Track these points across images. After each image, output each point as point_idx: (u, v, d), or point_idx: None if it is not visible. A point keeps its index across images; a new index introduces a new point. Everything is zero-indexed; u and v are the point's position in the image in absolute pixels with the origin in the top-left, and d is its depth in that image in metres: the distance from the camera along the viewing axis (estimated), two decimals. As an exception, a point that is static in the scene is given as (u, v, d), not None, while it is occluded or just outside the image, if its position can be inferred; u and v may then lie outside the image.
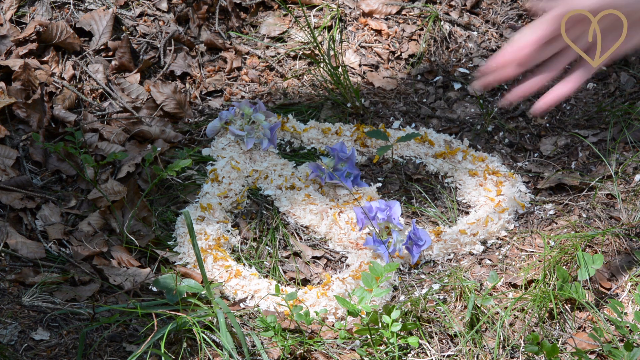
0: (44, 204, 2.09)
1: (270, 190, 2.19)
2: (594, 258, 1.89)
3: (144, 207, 2.11)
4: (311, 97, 2.45)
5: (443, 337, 1.82)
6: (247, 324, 1.83)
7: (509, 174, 2.25)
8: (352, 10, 2.64)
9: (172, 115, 2.36)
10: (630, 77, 2.52)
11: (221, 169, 2.19)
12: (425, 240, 2.03)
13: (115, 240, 2.05)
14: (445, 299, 1.89)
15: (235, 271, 1.98)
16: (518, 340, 1.80)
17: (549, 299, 1.83)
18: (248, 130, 2.25)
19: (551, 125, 2.43)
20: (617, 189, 2.15)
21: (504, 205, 2.16)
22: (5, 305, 1.84)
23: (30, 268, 1.95)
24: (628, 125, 2.34)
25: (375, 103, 2.46)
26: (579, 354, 1.75)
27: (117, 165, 2.19)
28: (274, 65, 2.52)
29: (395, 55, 2.59)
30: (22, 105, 2.23)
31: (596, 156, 2.30)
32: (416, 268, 2.04)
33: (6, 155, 2.15)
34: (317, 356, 1.77)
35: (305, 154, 2.31)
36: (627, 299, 1.90)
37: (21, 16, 2.42)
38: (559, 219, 2.14)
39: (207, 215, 2.10)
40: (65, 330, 1.79)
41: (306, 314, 1.78)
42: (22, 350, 1.74)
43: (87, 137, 2.24)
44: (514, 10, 2.72)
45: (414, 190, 2.22)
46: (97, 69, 2.37)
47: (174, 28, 2.49)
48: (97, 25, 2.42)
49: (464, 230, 2.10)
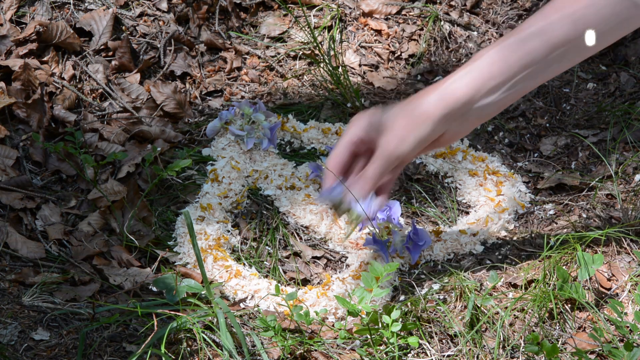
0: (44, 204, 2.09)
1: (270, 190, 2.19)
2: (594, 258, 1.89)
3: (144, 207, 2.11)
4: (311, 97, 2.45)
5: (443, 337, 1.82)
6: (247, 324, 1.83)
7: (509, 174, 2.25)
8: (352, 10, 2.64)
9: (172, 115, 2.36)
10: (630, 77, 2.52)
11: (221, 169, 2.19)
12: (425, 240, 2.03)
13: (115, 240, 2.05)
14: (445, 299, 1.89)
15: (235, 271, 1.98)
16: (518, 340, 1.80)
17: (549, 299, 1.83)
18: (248, 130, 2.25)
19: (551, 125, 2.43)
20: (617, 189, 2.15)
21: (504, 205, 2.16)
22: (5, 305, 1.84)
23: (30, 268, 1.95)
24: (628, 125, 2.34)
25: (375, 103, 2.46)
26: (579, 354, 1.75)
27: (117, 165, 2.19)
28: (274, 65, 2.52)
29: (395, 55, 2.59)
30: (22, 105, 2.23)
31: (596, 156, 2.30)
32: (416, 268, 2.04)
33: (6, 155, 2.15)
34: (317, 356, 1.77)
35: (305, 154, 2.31)
36: (627, 299, 1.90)
37: (21, 16, 2.42)
38: (559, 219, 2.14)
39: (207, 215, 2.10)
40: (65, 330, 1.79)
41: (306, 314, 1.78)
42: (22, 350, 1.74)
43: (87, 137, 2.24)
44: (514, 10, 2.72)
45: (414, 190, 2.22)
46: (97, 69, 2.37)
47: (174, 28, 2.49)
48: (97, 25, 2.42)
49: (464, 230, 2.10)
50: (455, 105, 1.75)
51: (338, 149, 1.81)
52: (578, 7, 1.72)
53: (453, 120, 1.76)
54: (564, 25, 1.73)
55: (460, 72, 1.76)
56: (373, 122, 1.78)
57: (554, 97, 2.50)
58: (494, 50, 1.75)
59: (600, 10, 1.72)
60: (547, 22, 1.73)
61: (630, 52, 2.56)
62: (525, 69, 1.74)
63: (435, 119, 1.75)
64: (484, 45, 2.64)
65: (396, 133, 1.76)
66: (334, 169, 1.81)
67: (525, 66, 1.74)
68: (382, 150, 1.77)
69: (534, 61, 1.74)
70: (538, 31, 1.74)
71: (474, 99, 1.75)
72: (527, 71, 1.75)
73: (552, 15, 1.74)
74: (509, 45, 1.75)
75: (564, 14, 1.73)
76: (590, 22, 1.72)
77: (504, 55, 1.74)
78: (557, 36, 1.73)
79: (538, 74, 1.76)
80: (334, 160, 1.81)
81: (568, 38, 1.73)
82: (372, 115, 1.79)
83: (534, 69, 1.75)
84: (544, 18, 1.74)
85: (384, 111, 1.79)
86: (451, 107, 1.75)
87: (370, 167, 1.79)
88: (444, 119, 1.76)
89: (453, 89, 1.75)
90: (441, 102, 1.75)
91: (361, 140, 1.79)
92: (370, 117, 1.79)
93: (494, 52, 1.75)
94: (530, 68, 1.75)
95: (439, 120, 1.75)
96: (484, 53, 1.76)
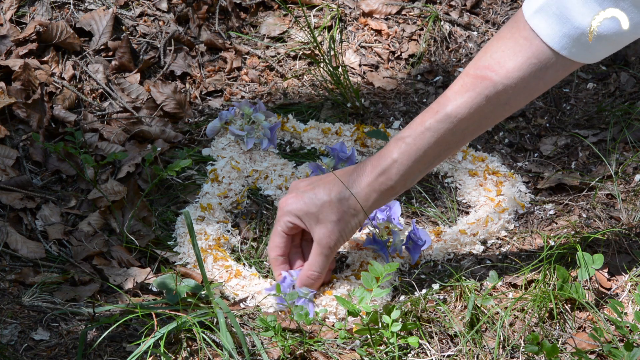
0: (44, 204, 2.09)
1: (270, 190, 2.19)
2: (594, 258, 1.88)
3: (144, 207, 2.11)
4: (311, 97, 2.45)
5: (443, 337, 1.82)
6: (247, 324, 1.83)
7: (509, 174, 2.25)
8: (352, 10, 2.64)
9: (172, 115, 2.36)
10: (630, 77, 2.52)
11: (221, 169, 2.19)
12: (425, 240, 2.03)
13: (115, 240, 2.05)
14: (445, 299, 1.89)
15: (235, 271, 1.98)
16: (518, 340, 1.80)
17: (549, 299, 1.83)
18: (248, 130, 2.25)
19: (551, 125, 2.43)
20: (617, 189, 2.15)
21: (504, 205, 2.16)
22: (5, 305, 1.84)
23: (30, 268, 1.95)
24: (628, 125, 2.34)
25: (375, 103, 2.46)
26: (579, 354, 1.75)
27: (117, 165, 2.19)
28: (274, 65, 2.52)
29: (395, 55, 2.59)
30: (22, 105, 2.23)
31: (596, 156, 2.30)
32: (416, 268, 2.04)
33: (6, 155, 2.15)
34: (317, 356, 1.77)
35: (305, 154, 2.31)
36: (627, 299, 1.90)
37: (21, 16, 2.42)
38: (559, 219, 2.14)
39: (207, 215, 2.10)
40: (65, 330, 1.79)
41: (306, 314, 1.78)
42: (22, 350, 1.74)
43: (87, 137, 2.24)
44: (514, 10, 2.72)
45: (414, 190, 2.22)
46: (97, 69, 2.37)
47: (174, 28, 2.49)
48: (97, 25, 2.42)
49: (464, 230, 2.10)
50: (382, 198, 1.89)
51: (275, 240, 1.93)
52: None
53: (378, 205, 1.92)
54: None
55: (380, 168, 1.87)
56: (305, 210, 1.89)
57: (554, 97, 2.50)
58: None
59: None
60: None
61: (630, 52, 2.56)
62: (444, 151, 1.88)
63: (365, 210, 1.88)
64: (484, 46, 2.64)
65: (330, 228, 1.88)
66: (277, 260, 1.94)
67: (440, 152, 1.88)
68: (321, 245, 1.90)
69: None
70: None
71: (398, 190, 1.89)
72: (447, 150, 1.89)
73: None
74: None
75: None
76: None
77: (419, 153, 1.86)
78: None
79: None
80: (275, 253, 1.94)
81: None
82: (302, 202, 1.89)
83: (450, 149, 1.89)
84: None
85: (311, 195, 1.89)
86: (378, 199, 1.89)
87: (314, 264, 1.91)
88: (372, 208, 1.90)
89: (381, 183, 1.87)
90: (372, 195, 1.87)
91: (295, 227, 1.92)
92: (301, 205, 1.89)
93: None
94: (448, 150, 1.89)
95: (368, 211, 1.89)
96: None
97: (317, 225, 1.88)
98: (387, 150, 1.86)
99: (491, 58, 1.80)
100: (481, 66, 1.80)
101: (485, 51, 1.82)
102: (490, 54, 1.81)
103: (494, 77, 1.79)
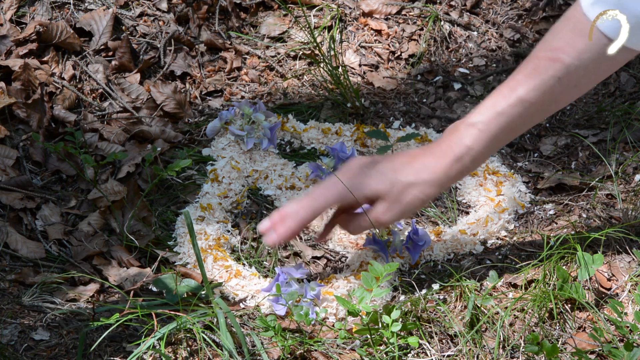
0: (44, 204, 2.09)
1: (270, 190, 2.19)
2: (594, 258, 1.88)
3: (144, 207, 2.11)
4: (311, 97, 2.45)
5: (443, 337, 1.82)
6: (247, 324, 1.83)
7: (509, 174, 2.25)
8: (352, 10, 2.64)
9: (172, 115, 2.36)
10: (630, 77, 2.52)
11: (221, 169, 2.19)
12: (425, 240, 2.03)
13: (115, 240, 2.05)
14: (445, 299, 1.89)
15: (235, 271, 1.98)
16: (518, 340, 1.80)
17: (549, 299, 1.83)
18: (248, 130, 2.25)
19: (551, 125, 2.43)
20: (617, 189, 2.15)
21: (504, 205, 2.16)
22: (5, 305, 1.84)
23: (30, 268, 1.95)
24: (628, 125, 2.34)
25: (375, 103, 2.46)
26: (579, 354, 1.75)
27: (117, 165, 2.19)
28: (274, 65, 2.52)
29: (395, 55, 2.59)
30: (22, 105, 2.23)
31: (596, 156, 2.30)
32: (416, 268, 2.04)
33: (6, 155, 2.15)
34: (317, 356, 1.77)
35: (305, 154, 2.31)
36: (627, 299, 1.90)
37: (21, 16, 2.42)
38: (559, 219, 2.14)
39: (207, 215, 2.10)
40: (65, 330, 1.79)
41: (306, 314, 1.78)
42: (22, 350, 1.74)
43: (87, 137, 2.24)
44: (514, 10, 2.72)
45: (414, 190, 2.22)
46: (97, 69, 2.37)
47: (174, 28, 2.49)
48: (97, 25, 2.42)
49: (464, 230, 2.10)
50: (454, 182, 1.89)
51: (321, 202, 1.85)
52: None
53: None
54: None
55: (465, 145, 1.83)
56: (356, 184, 1.84)
57: (554, 97, 2.50)
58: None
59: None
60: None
61: (630, 52, 2.56)
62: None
63: (433, 196, 1.86)
64: (484, 45, 2.64)
65: (393, 207, 1.85)
66: (300, 220, 1.85)
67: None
68: (376, 217, 1.86)
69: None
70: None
71: (466, 174, 1.87)
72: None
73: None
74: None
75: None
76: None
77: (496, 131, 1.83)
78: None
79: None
80: (307, 214, 1.85)
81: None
82: (357, 176, 1.85)
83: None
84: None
85: (371, 171, 1.85)
86: (450, 183, 1.87)
87: (387, 213, 1.85)
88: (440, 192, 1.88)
89: (457, 170, 1.84)
90: (447, 182, 1.85)
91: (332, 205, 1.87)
92: (354, 179, 1.85)
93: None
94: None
95: (435, 195, 1.86)
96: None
97: (378, 201, 1.86)
98: (456, 135, 1.84)
99: (561, 40, 1.79)
100: (552, 48, 1.78)
101: (554, 34, 1.80)
102: (561, 36, 1.79)
103: (566, 59, 1.77)
